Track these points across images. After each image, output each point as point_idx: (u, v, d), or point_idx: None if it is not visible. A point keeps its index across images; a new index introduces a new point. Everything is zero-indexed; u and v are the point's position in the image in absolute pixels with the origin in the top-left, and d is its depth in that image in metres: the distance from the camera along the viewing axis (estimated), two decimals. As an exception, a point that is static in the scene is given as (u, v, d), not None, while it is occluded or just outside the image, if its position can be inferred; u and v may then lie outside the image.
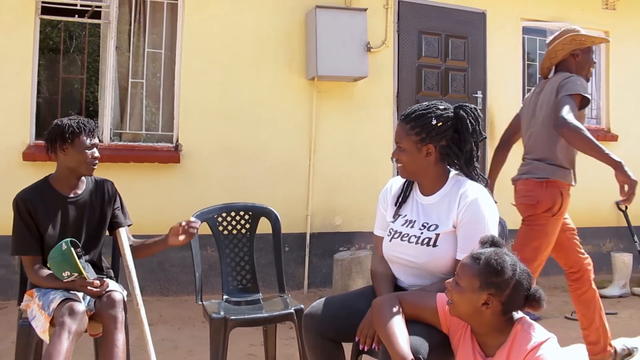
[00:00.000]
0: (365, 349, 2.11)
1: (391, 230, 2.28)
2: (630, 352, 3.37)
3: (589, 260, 3.37)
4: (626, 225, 6.43)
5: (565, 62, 3.27)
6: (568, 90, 3.04)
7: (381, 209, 2.43)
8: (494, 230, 2.09)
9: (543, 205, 3.15)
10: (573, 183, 3.31)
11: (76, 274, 2.37)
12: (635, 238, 6.31)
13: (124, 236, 2.51)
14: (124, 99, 4.86)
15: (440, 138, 2.16)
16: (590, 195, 6.35)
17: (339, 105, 5.25)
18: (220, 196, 4.27)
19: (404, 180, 2.34)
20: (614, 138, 6.50)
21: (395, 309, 1.94)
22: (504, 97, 6.01)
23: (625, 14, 6.62)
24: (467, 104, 2.22)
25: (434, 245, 2.12)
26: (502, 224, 2.48)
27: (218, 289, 3.16)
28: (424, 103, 2.24)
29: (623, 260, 5.49)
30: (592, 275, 3.36)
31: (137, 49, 4.87)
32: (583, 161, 6.42)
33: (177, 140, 4.78)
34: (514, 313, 1.81)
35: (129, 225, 2.80)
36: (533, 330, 1.74)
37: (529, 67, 6.38)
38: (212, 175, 4.81)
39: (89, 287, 2.37)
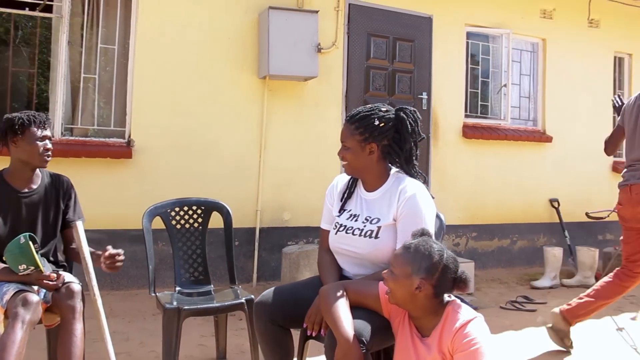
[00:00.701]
0: (313, 334, 2.28)
1: (337, 224, 2.45)
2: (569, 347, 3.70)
3: None
4: (558, 221, 6.84)
5: None
6: None
7: (327, 204, 2.60)
8: (430, 223, 2.28)
9: None
10: None
11: (32, 268, 2.43)
12: (566, 233, 6.73)
13: (81, 230, 2.58)
14: (76, 94, 4.85)
15: (382, 138, 2.34)
16: (527, 193, 6.75)
17: (289, 104, 5.39)
18: (171, 191, 4.37)
19: (349, 177, 2.52)
20: (549, 139, 6.87)
21: (340, 296, 2.11)
22: (447, 98, 6.28)
23: (561, 22, 7.01)
24: (407, 107, 2.42)
25: (376, 237, 2.30)
26: (440, 218, 2.69)
27: (169, 282, 3.25)
28: (367, 105, 2.43)
29: (554, 253, 5.84)
30: None
31: (90, 44, 4.86)
32: (520, 163, 6.82)
33: (130, 136, 4.81)
34: (446, 296, 2.01)
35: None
36: (462, 310, 1.95)
37: (472, 70, 6.68)
38: (163, 170, 4.87)
39: (45, 281, 2.44)
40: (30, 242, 2.39)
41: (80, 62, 4.83)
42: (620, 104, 3.95)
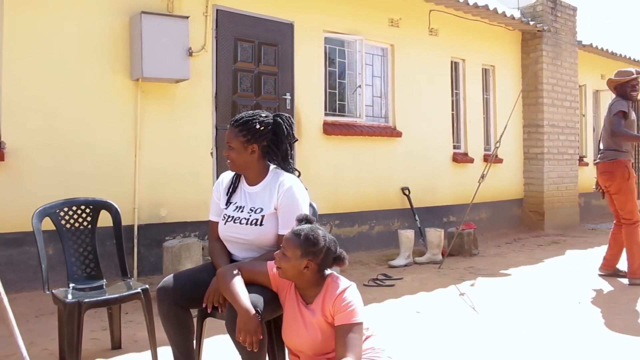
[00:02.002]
0: (209, 311, 2.63)
1: (225, 215, 2.81)
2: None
3: None
4: (410, 207, 7.67)
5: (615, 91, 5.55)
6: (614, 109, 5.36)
7: (215, 198, 2.94)
8: (305, 210, 2.72)
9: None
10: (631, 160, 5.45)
11: None
12: (417, 217, 7.57)
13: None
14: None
15: (262, 139, 2.75)
16: (381, 183, 7.49)
17: (162, 105, 5.57)
18: (48, 193, 4.38)
19: (233, 173, 2.90)
20: (399, 134, 7.67)
21: (236, 275, 2.47)
22: (309, 98, 6.80)
23: (406, 31, 7.85)
24: (283, 113, 2.87)
25: (261, 224, 2.69)
26: (313, 206, 3.15)
27: (54, 282, 3.31)
28: (250, 111, 2.82)
29: (407, 235, 6.59)
30: None
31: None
32: (374, 156, 7.53)
33: (0, 138, 4.73)
34: (326, 270, 2.46)
35: None
36: (340, 280, 2.40)
37: (330, 72, 7.26)
38: (39, 172, 4.83)
39: None
40: None
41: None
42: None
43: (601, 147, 5.57)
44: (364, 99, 7.46)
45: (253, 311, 2.32)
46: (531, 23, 9.25)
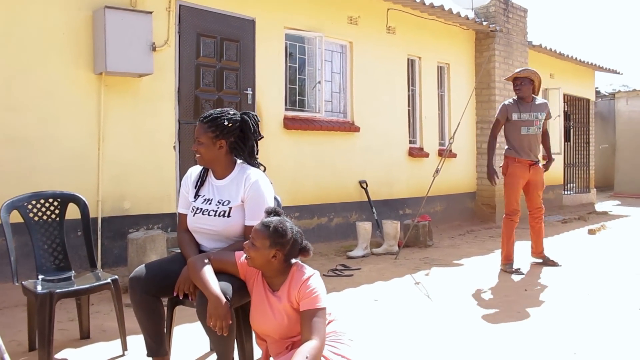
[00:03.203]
0: (181, 298, 2.77)
1: (194, 208, 2.95)
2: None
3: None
4: (367, 200, 7.90)
5: None
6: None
7: (183, 191, 3.07)
8: (270, 202, 2.88)
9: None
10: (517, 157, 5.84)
11: None
12: (374, 210, 7.80)
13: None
14: None
15: (230, 135, 2.90)
16: (340, 177, 7.68)
17: (125, 99, 5.61)
18: (10, 187, 4.41)
19: (201, 168, 3.03)
20: (357, 129, 7.88)
21: (206, 264, 2.61)
22: (270, 93, 6.93)
23: (364, 28, 8.05)
24: (250, 112, 3.03)
25: (228, 216, 2.84)
26: (277, 199, 3.31)
27: (19, 275, 3.36)
28: (218, 109, 2.96)
29: (365, 227, 6.80)
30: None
31: None
32: (333, 150, 7.67)
33: (-39, 131, 4.72)
34: (291, 260, 2.62)
35: None
36: (304, 269, 2.57)
37: (291, 68, 7.40)
38: (2, 166, 4.82)
39: None
40: None
41: None
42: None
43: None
44: (324, 94, 7.62)
45: (223, 298, 2.47)
46: (484, 23, 9.59)
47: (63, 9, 5.21)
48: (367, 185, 7.95)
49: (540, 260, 6.09)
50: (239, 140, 2.94)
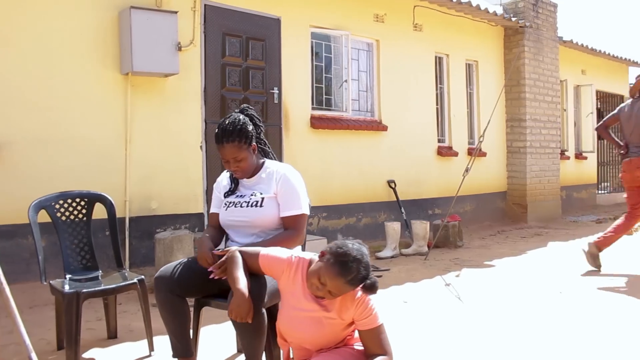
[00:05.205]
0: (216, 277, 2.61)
1: (226, 203, 2.91)
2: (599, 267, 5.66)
3: None
4: (396, 199, 7.80)
5: None
6: None
7: (216, 192, 3.04)
8: (302, 189, 2.87)
9: None
10: None
11: None
12: (402, 210, 7.70)
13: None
14: None
15: (254, 136, 2.88)
16: (367, 177, 7.61)
17: (152, 99, 5.61)
18: (40, 187, 4.41)
19: (230, 173, 2.98)
20: (385, 128, 7.78)
21: (239, 260, 2.46)
22: (296, 92, 6.88)
23: (391, 26, 7.95)
24: (245, 107, 2.96)
25: (261, 205, 2.81)
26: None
27: (47, 274, 3.36)
28: (227, 119, 2.82)
29: (393, 227, 6.71)
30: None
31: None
32: (360, 149, 7.64)
33: (-10, 132, 4.76)
34: None
35: None
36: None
37: (317, 67, 7.35)
38: (30, 166, 4.86)
39: None
40: None
41: None
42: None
43: (636, 143, 5.60)
44: (350, 93, 7.55)
45: (247, 295, 2.38)
46: (513, 19, 9.41)
47: (90, 10, 5.24)
48: (395, 185, 7.84)
49: (591, 252, 5.72)
50: (258, 137, 2.95)
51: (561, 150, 11.11)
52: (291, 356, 2.55)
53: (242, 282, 2.42)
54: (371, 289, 2.31)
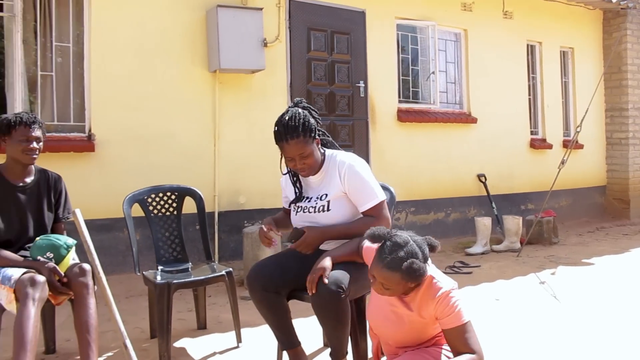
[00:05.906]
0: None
1: (295, 207, 2.87)
2: None
3: None
4: (486, 194, 7.53)
5: None
6: None
7: (284, 190, 3.03)
8: (371, 178, 2.72)
9: None
10: None
11: (51, 261, 2.74)
12: (493, 204, 7.42)
13: (80, 217, 2.84)
14: (34, 91, 4.99)
15: (316, 129, 2.74)
16: (456, 170, 7.39)
17: (239, 95, 5.72)
18: (133, 182, 4.57)
19: (288, 172, 2.93)
20: (474, 120, 7.52)
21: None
22: (382, 85, 6.78)
23: (479, 14, 7.67)
24: (297, 100, 2.82)
25: (328, 209, 2.74)
26: (391, 191, 3.16)
27: (141, 265, 3.47)
28: (285, 115, 2.69)
29: (484, 223, 6.48)
30: None
31: (44, 42, 5.00)
32: (449, 142, 7.43)
33: (90, 130, 5.00)
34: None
35: (67, 219, 3.13)
36: (438, 283, 2.22)
37: (403, 59, 7.21)
38: (125, 162, 5.08)
39: (55, 276, 2.72)
40: (73, 249, 2.84)
41: (36, 60, 4.97)
42: None
43: None
44: (438, 85, 7.36)
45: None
46: (614, 1, 8.80)
47: (180, 11, 5.41)
48: (485, 179, 7.57)
49: None
50: (319, 128, 2.79)
51: (668, 141, 10.32)
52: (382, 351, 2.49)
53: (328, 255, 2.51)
54: (409, 271, 2.12)
